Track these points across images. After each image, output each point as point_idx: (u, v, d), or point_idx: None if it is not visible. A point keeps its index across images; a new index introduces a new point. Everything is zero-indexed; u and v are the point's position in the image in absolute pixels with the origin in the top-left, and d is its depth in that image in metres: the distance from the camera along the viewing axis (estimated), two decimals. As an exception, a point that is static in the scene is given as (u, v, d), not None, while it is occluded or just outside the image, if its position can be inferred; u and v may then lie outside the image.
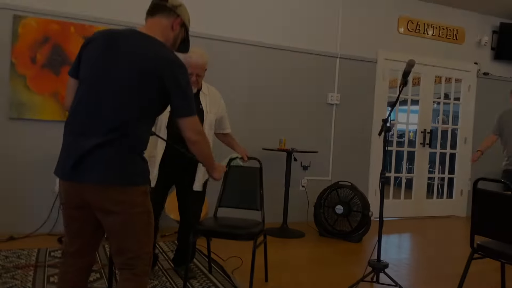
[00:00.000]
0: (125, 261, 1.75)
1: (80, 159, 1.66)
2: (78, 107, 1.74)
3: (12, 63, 3.93)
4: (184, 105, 1.77)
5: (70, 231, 1.82)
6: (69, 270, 1.84)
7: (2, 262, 3.17)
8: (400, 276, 3.43)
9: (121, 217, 1.70)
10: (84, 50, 1.81)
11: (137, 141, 1.74)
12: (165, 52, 1.78)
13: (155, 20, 1.87)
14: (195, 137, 1.81)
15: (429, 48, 5.94)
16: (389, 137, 3.06)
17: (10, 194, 3.99)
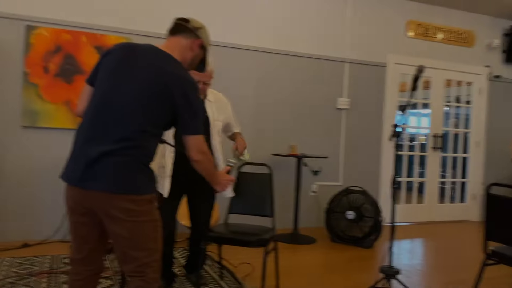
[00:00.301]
0: (134, 268, 1.76)
1: (88, 165, 1.69)
2: (90, 115, 1.77)
3: (25, 73, 4.00)
4: (191, 124, 1.82)
5: (77, 237, 1.84)
6: (78, 278, 1.86)
7: (16, 269, 3.21)
8: (413, 282, 3.40)
9: (128, 225, 1.71)
10: (103, 60, 1.86)
11: (145, 152, 1.77)
12: (179, 70, 1.83)
13: (175, 39, 1.93)
14: (198, 156, 1.85)
15: (438, 51, 5.91)
16: (400, 141, 3.03)
17: (23, 201, 4.05)
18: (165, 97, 1.75)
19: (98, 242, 1.85)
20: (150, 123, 1.76)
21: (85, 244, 1.83)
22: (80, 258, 1.85)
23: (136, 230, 1.73)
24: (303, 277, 3.41)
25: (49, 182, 4.08)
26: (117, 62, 1.81)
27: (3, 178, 3.98)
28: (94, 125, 1.75)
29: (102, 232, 1.82)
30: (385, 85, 5.62)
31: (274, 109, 5.05)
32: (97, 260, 1.88)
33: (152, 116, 1.76)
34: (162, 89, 1.75)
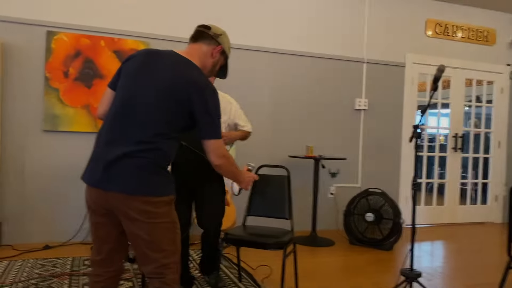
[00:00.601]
0: (153, 270, 1.77)
1: (106, 167, 1.72)
2: (111, 118, 1.81)
3: (46, 78, 4.07)
4: (210, 129, 1.84)
5: (97, 238, 1.87)
6: (99, 280, 1.88)
7: (38, 271, 3.26)
8: (434, 285, 3.34)
9: (145, 226, 1.73)
10: (124, 65, 1.91)
11: (163, 155, 1.79)
12: (199, 76, 1.85)
13: (196, 46, 1.97)
14: (219, 161, 1.87)
15: (458, 50, 5.81)
16: (420, 142, 2.99)
17: (45, 204, 4.12)
18: (184, 102, 1.78)
19: (117, 243, 1.87)
20: (169, 127, 1.78)
21: (104, 245, 1.86)
22: (100, 259, 1.88)
23: (154, 231, 1.74)
24: (323, 280, 3.38)
25: (69, 185, 4.14)
26: (137, 67, 1.85)
27: (25, 181, 4.06)
28: (114, 128, 1.78)
29: (122, 233, 1.84)
30: (404, 85, 5.55)
31: (291, 111, 5.03)
32: (117, 262, 1.90)
33: (171, 120, 1.78)
34: (181, 94, 1.77)
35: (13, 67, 4.01)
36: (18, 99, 4.03)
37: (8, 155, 4.00)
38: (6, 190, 3.99)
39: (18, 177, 4.04)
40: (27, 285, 2.97)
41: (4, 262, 3.45)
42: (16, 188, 4.03)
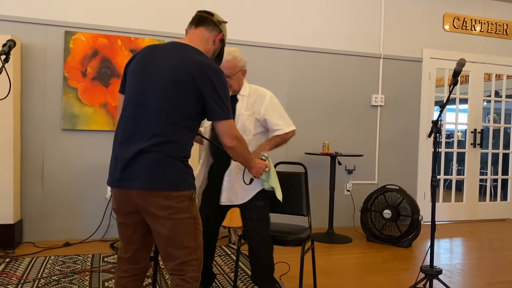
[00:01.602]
0: (174, 267, 1.78)
1: (124, 166, 1.73)
2: (123, 119, 1.82)
3: (64, 77, 4.12)
4: (219, 109, 1.79)
5: (123, 238, 1.89)
6: (125, 275, 1.91)
7: (59, 267, 3.32)
8: (454, 283, 3.30)
9: (167, 222, 1.73)
10: (128, 67, 1.91)
11: (180, 147, 1.77)
12: (202, 58, 1.82)
13: (198, 31, 1.94)
14: (232, 142, 1.85)
15: (477, 44, 5.72)
16: (438, 138, 2.95)
17: (65, 202, 4.18)
18: (189, 85, 1.74)
19: (143, 242, 1.90)
20: (180, 115, 1.75)
21: (130, 244, 1.89)
22: (127, 257, 1.90)
23: (175, 228, 1.74)
24: (341, 276, 3.37)
25: (88, 183, 4.20)
26: (140, 64, 1.85)
27: (45, 180, 4.12)
28: (126, 127, 1.79)
29: (146, 232, 1.86)
30: (421, 80, 5.48)
31: (307, 107, 5.01)
32: (143, 259, 1.93)
33: (180, 108, 1.75)
34: (185, 78, 1.74)
35: (33, 67, 4.07)
36: (37, 98, 4.10)
37: (28, 154, 4.07)
38: (27, 189, 4.07)
39: (38, 175, 4.11)
40: (49, 281, 3.02)
41: (26, 259, 3.52)
42: (36, 187, 4.11)
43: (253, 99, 2.66)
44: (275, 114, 2.65)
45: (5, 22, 3.97)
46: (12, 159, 3.76)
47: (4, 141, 3.72)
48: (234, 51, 2.66)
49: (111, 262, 3.48)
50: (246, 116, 2.60)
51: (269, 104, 2.64)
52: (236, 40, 4.66)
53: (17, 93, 3.92)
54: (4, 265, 3.33)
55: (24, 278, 3.07)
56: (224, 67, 2.52)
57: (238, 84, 2.64)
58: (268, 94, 2.69)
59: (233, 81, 2.60)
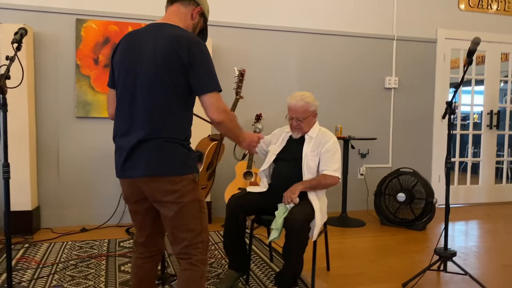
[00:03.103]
0: (181, 250, 1.82)
1: (127, 156, 1.76)
2: (119, 110, 1.84)
3: (77, 65, 4.15)
4: (203, 81, 1.72)
5: (136, 224, 1.95)
6: (141, 257, 1.98)
7: (77, 252, 3.39)
8: (469, 265, 3.28)
9: (173, 207, 1.77)
10: (114, 60, 1.90)
11: (179, 130, 1.77)
12: (180, 32, 1.77)
13: (174, 8, 1.90)
14: (219, 116, 1.74)
15: (493, 24, 5.57)
16: (453, 120, 2.91)
17: (80, 188, 4.25)
18: (175, 62, 1.70)
19: (154, 227, 1.94)
20: (173, 96, 1.74)
21: (143, 230, 1.95)
22: (141, 242, 1.97)
23: (180, 211, 1.78)
24: (354, 259, 3.38)
25: (103, 169, 4.25)
26: (123, 54, 1.83)
27: (60, 167, 4.19)
28: (123, 119, 1.81)
29: (157, 217, 1.89)
30: (435, 62, 5.38)
31: (319, 91, 4.96)
32: (157, 243, 1.99)
33: (172, 88, 1.73)
34: (169, 55, 1.70)
35: (45, 56, 4.11)
36: (51, 87, 4.14)
37: (44, 142, 4.13)
38: (43, 176, 4.14)
39: (53, 163, 4.17)
40: (66, 265, 3.09)
41: (44, 244, 3.59)
42: (52, 174, 4.17)
43: (319, 140, 2.77)
44: (330, 156, 2.72)
45: (16, 11, 3.99)
46: (28, 147, 3.82)
47: (19, 129, 3.77)
48: (306, 96, 2.79)
49: (127, 247, 3.54)
50: (310, 156, 2.72)
51: (330, 146, 2.73)
52: (247, 24, 4.63)
53: (31, 82, 3.96)
54: (24, 250, 3.41)
55: (43, 262, 3.14)
56: (296, 111, 2.74)
57: (309, 126, 2.80)
58: (332, 139, 2.78)
59: (304, 124, 2.77)
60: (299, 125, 2.78)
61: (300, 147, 2.78)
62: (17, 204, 3.73)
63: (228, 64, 4.54)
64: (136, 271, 1.98)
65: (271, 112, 4.52)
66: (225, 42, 4.57)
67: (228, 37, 4.59)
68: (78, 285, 2.72)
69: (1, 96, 2.10)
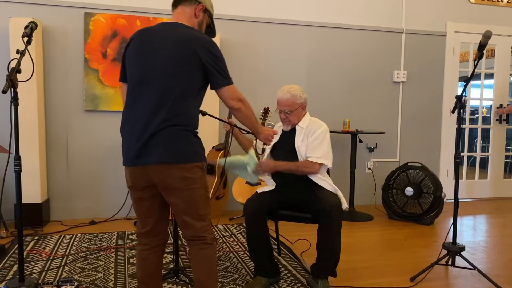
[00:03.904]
0: (193, 234, 1.91)
1: (143, 144, 1.81)
2: (132, 99, 1.90)
3: (85, 59, 4.17)
4: (221, 76, 1.88)
5: (141, 213, 1.99)
6: (146, 248, 2.01)
7: (86, 245, 3.42)
8: (477, 259, 3.27)
9: (184, 193, 1.85)
10: (126, 54, 1.98)
11: (189, 120, 1.87)
12: (196, 32, 1.91)
13: (179, 10, 2.00)
14: (237, 104, 1.93)
15: (504, 16, 5.51)
16: (462, 114, 2.88)
17: (89, 181, 4.28)
18: (193, 59, 1.82)
19: (160, 214, 1.99)
20: (187, 89, 1.85)
21: (148, 218, 1.98)
22: (145, 231, 2.00)
23: (191, 198, 1.87)
24: (362, 253, 3.38)
25: (111, 163, 4.27)
26: (138, 48, 1.92)
27: (69, 160, 4.22)
28: (137, 108, 1.87)
29: (163, 203, 1.96)
30: (444, 55, 5.34)
31: (327, 85, 4.95)
32: (162, 231, 2.03)
33: (186, 82, 1.84)
34: (188, 52, 1.82)
35: (54, 49, 4.12)
36: (60, 80, 4.16)
37: (53, 135, 4.16)
38: (52, 169, 4.17)
39: (63, 156, 4.21)
40: (76, 257, 3.12)
41: (54, 237, 3.63)
42: (61, 167, 4.21)
43: (309, 130, 2.80)
44: (317, 143, 2.74)
45: (26, 5, 4.01)
46: (37, 140, 3.85)
47: (29, 122, 3.80)
48: (293, 89, 2.80)
49: (136, 240, 3.55)
50: (301, 146, 2.77)
51: (317, 135, 2.76)
52: (256, 17, 4.62)
53: (40, 75, 3.98)
54: (34, 242, 3.45)
55: (53, 254, 3.18)
56: (283, 104, 2.77)
57: (297, 118, 2.82)
58: (321, 127, 2.80)
59: (292, 117, 2.80)
60: (287, 118, 2.81)
61: (292, 138, 2.81)
62: (27, 196, 3.76)
63: (236, 58, 4.54)
64: (142, 263, 2.01)
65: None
66: (234, 36, 4.56)
67: (237, 31, 4.59)
68: (88, 277, 2.75)
69: (12, 90, 2.12)
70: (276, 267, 2.74)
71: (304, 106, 2.84)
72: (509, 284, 2.78)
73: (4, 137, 3.46)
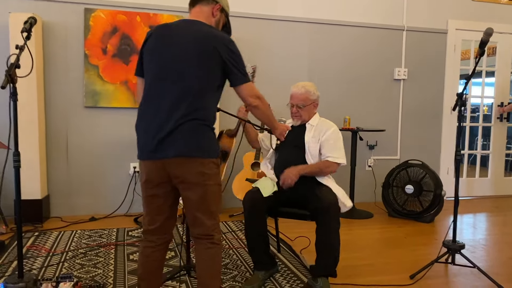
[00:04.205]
0: (203, 231, 1.91)
1: (164, 137, 1.81)
2: (151, 94, 1.89)
3: (85, 55, 4.16)
4: (240, 74, 1.92)
5: (152, 209, 1.97)
6: (150, 245, 2.00)
7: (86, 241, 3.42)
8: (477, 257, 3.27)
9: (200, 189, 1.86)
10: (144, 48, 1.98)
11: (208, 116, 1.89)
12: (213, 30, 1.94)
13: (197, 9, 2.03)
14: (256, 101, 1.98)
15: (505, 14, 5.49)
16: (463, 112, 2.87)
17: (89, 178, 4.28)
18: (213, 56, 1.85)
19: (171, 211, 2.00)
20: (206, 85, 1.87)
21: (159, 215, 1.97)
22: (153, 228, 1.99)
23: (206, 194, 1.88)
24: (362, 251, 3.38)
25: (112, 159, 4.27)
26: (157, 42, 1.93)
27: (69, 156, 4.21)
28: (156, 102, 1.86)
29: (174, 201, 1.98)
30: (445, 53, 5.32)
31: (328, 82, 4.94)
32: (169, 229, 2.03)
33: (206, 78, 1.86)
34: (209, 49, 1.85)
35: (54, 45, 4.11)
36: (60, 76, 4.15)
37: (53, 131, 4.15)
38: (53, 165, 4.17)
39: (63, 152, 4.20)
40: (76, 254, 3.12)
41: (54, 233, 3.63)
42: (61, 163, 4.20)
43: (320, 128, 2.81)
44: (332, 144, 2.76)
45: (26, 1, 4.00)
46: (37, 136, 3.85)
47: (29, 118, 3.79)
48: (307, 85, 2.86)
49: (135, 236, 3.56)
50: (312, 143, 2.77)
51: (330, 135, 2.77)
52: (257, 14, 4.60)
53: (40, 71, 3.97)
54: (34, 239, 3.45)
55: (52, 250, 3.18)
56: (297, 98, 2.81)
57: (308, 115, 2.84)
58: (333, 127, 2.81)
59: (304, 112, 2.82)
60: (298, 112, 2.81)
61: (301, 134, 2.81)
62: (27, 193, 3.76)
63: (237, 55, 4.52)
64: (144, 260, 2.00)
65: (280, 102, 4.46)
66: (234, 33, 4.49)
67: (238, 27, 4.53)
68: (88, 273, 2.75)
69: (11, 85, 2.11)
70: (272, 259, 2.79)
71: (316, 104, 2.87)
72: (509, 282, 2.78)
73: (4, 133, 3.46)
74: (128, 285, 2.59)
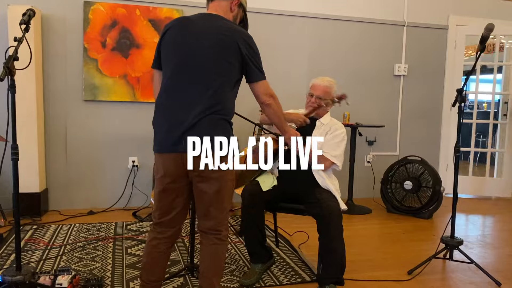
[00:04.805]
0: (212, 226, 1.92)
1: (185, 131, 1.81)
2: (170, 87, 1.89)
3: (84, 48, 4.14)
4: (258, 71, 1.94)
5: (165, 204, 1.96)
6: (158, 237, 2.00)
7: (84, 235, 3.42)
8: (475, 253, 3.27)
9: (216, 183, 1.87)
10: (162, 40, 1.97)
11: (227, 110, 1.90)
12: (233, 25, 1.95)
13: (215, 3, 2.02)
14: (269, 100, 1.99)
15: (508, 10, 5.46)
16: (463, 108, 2.87)
17: (88, 172, 4.27)
18: (234, 50, 1.86)
19: (184, 205, 2.00)
20: (226, 79, 1.88)
21: (172, 209, 1.97)
22: (164, 220, 1.98)
23: (221, 188, 1.89)
24: (360, 247, 3.38)
25: (110, 153, 4.26)
26: (177, 36, 1.92)
27: (68, 150, 4.20)
28: (177, 95, 1.86)
29: (188, 196, 1.98)
30: (446, 49, 5.31)
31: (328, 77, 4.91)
32: (180, 222, 2.03)
33: (226, 72, 1.87)
34: (228, 44, 1.86)
35: (53, 38, 4.09)
36: (59, 69, 4.13)
37: (52, 124, 4.14)
38: (51, 159, 4.16)
39: (62, 146, 4.19)
40: (74, 247, 3.12)
41: (52, 226, 3.63)
42: (60, 157, 4.19)
43: (328, 127, 2.79)
44: (334, 143, 2.73)
45: (25, -7, 3.97)
46: (36, 129, 3.84)
47: (28, 111, 3.78)
48: (332, 81, 2.89)
49: (134, 230, 3.56)
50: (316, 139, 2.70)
51: (338, 134, 2.75)
52: (257, 8, 4.58)
53: (39, 65, 3.96)
54: (32, 232, 3.45)
55: (51, 244, 3.18)
56: (319, 89, 2.79)
57: (324, 110, 2.82)
58: (342, 129, 2.79)
59: (322, 103, 2.78)
60: (316, 103, 2.76)
61: (310, 131, 2.79)
62: (26, 186, 3.76)
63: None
64: (150, 250, 1.99)
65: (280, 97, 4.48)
66: (234, 27, 4.52)
67: (237, 21, 4.54)
68: (86, 267, 2.75)
69: (9, 78, 2.10)
70: (268, 251, 2.79)
71: (331, 103, 2.85)
72: (507, 279, 2.78)
73: (2, 126, 3.45)
74: (126, 278, 2.59)
